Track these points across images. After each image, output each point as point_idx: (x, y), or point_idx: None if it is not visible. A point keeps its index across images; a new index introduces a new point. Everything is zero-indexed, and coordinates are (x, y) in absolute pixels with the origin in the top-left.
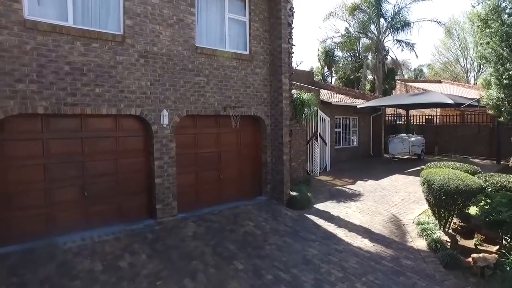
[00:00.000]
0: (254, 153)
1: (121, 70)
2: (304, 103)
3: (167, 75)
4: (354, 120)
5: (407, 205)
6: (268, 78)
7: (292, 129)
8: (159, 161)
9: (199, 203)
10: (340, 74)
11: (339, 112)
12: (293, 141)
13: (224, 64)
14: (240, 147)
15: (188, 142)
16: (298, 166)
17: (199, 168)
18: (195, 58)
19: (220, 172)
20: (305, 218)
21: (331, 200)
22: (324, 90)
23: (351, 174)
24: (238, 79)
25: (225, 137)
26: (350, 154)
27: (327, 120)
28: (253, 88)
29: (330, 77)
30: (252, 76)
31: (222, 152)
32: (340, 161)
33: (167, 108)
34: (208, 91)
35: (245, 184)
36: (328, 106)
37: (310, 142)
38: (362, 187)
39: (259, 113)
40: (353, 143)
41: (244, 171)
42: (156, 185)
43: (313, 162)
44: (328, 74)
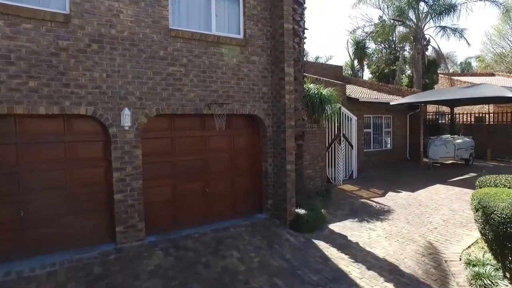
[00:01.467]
0: (253, 161)
1: (66, 58)
2: (323, 100)
3: (129, 64)
4: (387, 119)
5: (451, 229)
6: (268, 68)
7: (306, 130)
8: (120, 173)
9: (178, 223)
10: (373, 68)
11: (369, 110)
12: (309, 144)
13: (209, 51)
14: (234, 153)
15: (162, 148)
16: (315, 174)
17: (178, 180)
18: (168, 43)
19: (206, 185)
20: (312, 246)
21: (352, 218)
22: (353, 85)
23: (382, 183)
24: (227, 69)
25: (213, 142)
26: (382, 159)
27: (353, 120)
28: (248, 80)
29: (362, 71)
30: (247, 65)
31: (210, 160)
32: (369, 167)
33: (129, 106)
34: (186, 84)
35: (240, 199)
36: (356, 104)
37: (332, 145)
38: (393, 200)
39: (256, 111)
40: (386, 145)
41: (238, 183)
42: (116, 202)
43: (335, 169)
44: (359, 68)
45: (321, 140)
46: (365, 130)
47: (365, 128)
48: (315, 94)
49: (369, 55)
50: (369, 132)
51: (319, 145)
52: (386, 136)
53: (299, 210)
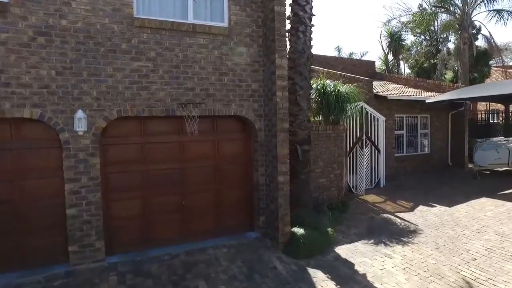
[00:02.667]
0: (244, 170)
1: (4, 54)
2: (342, 98)
3: (84, 60)
4: (424, 119)
5: (497, 262)
6: (260, 61)
7: (319, 132)
8: (73, 184)
9: (149, 242)
10: (410, 63)
11: (401, 110)
12: (321, 149)
13: (183, 42)
14: (219, 161)
15: (130, 155)
16: (330, 183)
17: (149, 192)
18: (132, 34)
19: (183, 198)
20: (303, 278)
21: (366, 239)
22: (386, 82)
23: (413, 194)
24: (207, 63)
25: (193, 148)
26: (417, 164)
27: (381, 120)
28: (233, 76)
29: (397, 66)
30: (232, 57)
31: (188, 169)
32: (401, 174)
33: (84, 108)
34: (154, 81)
35: (227, 215)
36: (385, 102)
37: (353, 149)
38: (423, 217)
39: (243, 112)
40: (423, 149)
41: (225, 196)
42: (68, 218)
43: (357, 176)
44: (394, 63)
45: (338, 144)
46: (396, 132)
47: (397, 130)
48: (331, 91)
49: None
50: (402, 134)
51: (335, 150)
52: (423, 139)
53: (297, 229)
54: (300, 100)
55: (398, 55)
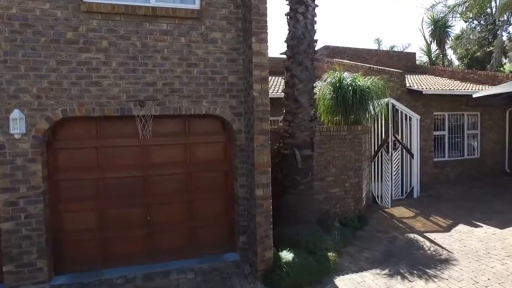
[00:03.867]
0: (223, 179)
1: None
2: (360, 93)
3: (21, 52)
4: (472, 117)
5: None
6: (240, 49)
7: (331, 134)
8: (9, 195)
9: (107, 260)
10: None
11: (442, 106)
12: (334, 153)
13: (142, 29)
14: (193, 169)
15: (84, 161)
16: (345, 193)
17: (106, 204)
18: (79, 21)
19: (147, 210)
20: None
21: (380, 268)
22: (428, 76)
23: (453, 208)
24: (171, 52)
25: (159, 153)
26: (462, 171)
27: (414, 119)
28: (204, 67)
29: (442, 57)
30: (204, 45)
31: (154, 178)
32: (441, 182)
33: (21, 108)
34: (107, 75)
35: (202, 232)
36: (420, 98)
37: (378, 153)
38: (461, 240)
39: (217, 110)
40: (471, 153)
41: (200, 210)
42: (3, 233)
43: (382, 185)
44: (439, 53)
45: (355, 147)
46: (435, 132)
47: (436, 130)
48: (348, 85)
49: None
50: (442, 135)
51: (351, 155)
52: (472, 140)
53: (286, 253)
54: (299, 96)
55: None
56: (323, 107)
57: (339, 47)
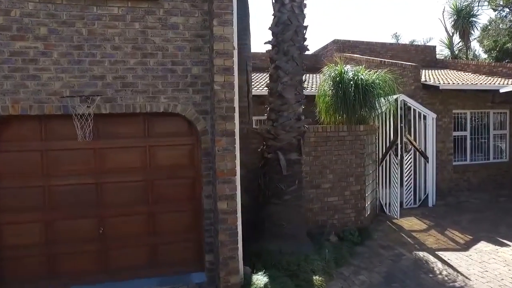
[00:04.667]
0: (189, 187)
1: None
2: (364, 88)
3: None
4: (499, 115)
5: None
6: (205, 35)
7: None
8: None
9: (53, 278)
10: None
11: (463, 103)
12: (331, 157)
13: (88, 13)
14: (153, 175)
15: (26, 166)
16: (345, 203)
17: (53, 215)
18: (12, 4)
19: (100, 222)
20: None
21: None
22: (450, 70)
23: (474, 220)
24: (123, 40)
25: (114, 157)
26: (487, 177)
27: (429, 118)
28: (163, 57)
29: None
30: (162, 32)
31: (108, 185)
32: (462, 189)
33: None
34: (47, 68)
35: (166, 247)
36: (437, 94)
37: (386, 156)
38: (482, 263)
39: (178, 108)
40: (497, 156)
41: (163, 222)
42: None
43: (390, 192)
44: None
45: (356, 150)
46: (455, 133)
47: (456, 130)
48: (349, 80)
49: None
50: (464, 135)
51: (352, 159)
52: (498, 141)
53: (259, 276)
54: (284, 91)
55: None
56: (323, 105)
57: (350, 41)
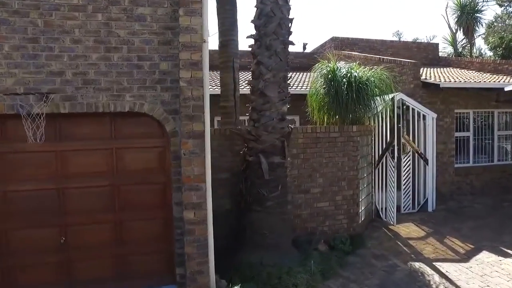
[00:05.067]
0: (159, 193)
1: None
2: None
3: None
4: (504, 115)
5: None
6: (175, 27)
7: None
8: None
9: None
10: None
11: (465, 103)
12: (320, 159)
13: (45, 3)
14: (121, 180)
15: None
16: (336, 208)
17: (10, 223)
18: None
19: (62, 231)
20: None
21: None
22: (453, 68)
23: (476, 227)
24: (85, 33)
25: (77, 160)
26: (491, 180)
27: (429, 118)
28: (128, 52)
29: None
30: (128, 24)
31: (70, 191)
32: (464, 193)
33: None
34: None
35: (135, 257)
36: (438, 92)
37: (383, 158)
38: (484, 276)
39: (145, 107)
40: (502, 158)
41: (132, 231)
42: None
43: (386, 196)
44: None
45: (349, 152)
46: (457, 133)
47: (458, 131)
48: (342, 78)
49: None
50: (466, 136)
51: (344, 161)
52: (503, 143)
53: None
54: (266, 88)
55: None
56: (315, 104)
57: (349, 39)
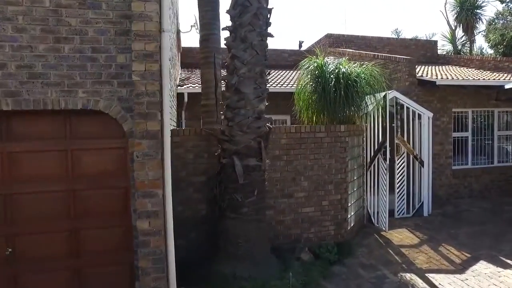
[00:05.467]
0: (119, 200)
1: None
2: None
3: None
4: (505, 115)
5: None
6: (135, 15)
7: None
8: None
9: None
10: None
11: (464, 101)
12: (305, 161)
13: None
14: (77, 185)
15: None
16: (322, 214)
17: None
18: None
19: (9, 242)
20: None
21: None
22: (452, 66)
23: (474, 234)
24: (30, 21)
25: (28, 162)
26: (491, 183)
27: (425, 117)
28: (81, 43)
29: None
30: (80, 12)
31: (19, 196)
32: (462, 196)
33: None
34: None
35: (94, 272)
36: (435, 91)
37: (375, 160)
38: None
39: (100, 104)
40: (503, 159)
41: (90, 241)
42: None
43: (378, 200)
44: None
45: (336, 153)
46: (454, 134)
47: (456, 131)
48: (329, 74)
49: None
50: (465, 137)
51: (331, 163)
52: (505, 143)
53: None
54: (240, 84)
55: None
56: (302, 103)
57: (344, 36)
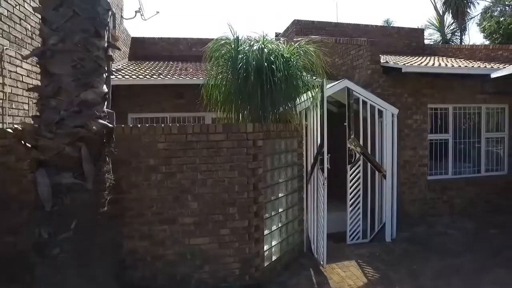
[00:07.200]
0: None
1: None
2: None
3: None
4: (494, 112)
5: None
6: None
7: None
8: None
9: None
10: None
11: (442, 95)
12: (193, 174)
13: None
14: None
15: None
16: (221, 247)
17: None
18: None
19: None
20: None
21: None
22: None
23: (446, 269)
24: None
25: None
26: (477, 196)
27: (387, 115)
28: None
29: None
30: None
31: None
32: (440, 213)
33: None
34: None
35: None
36: (404, 81)
37: (314, 171)
38: None
39: None
40: (492, 167)
41: None
42: None
43: (317, 225)
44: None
45: (241, 163)
46: (431, 135)
47: (433, 132)
48: (244, 55)
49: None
50: (444, 139)
51: (233, 177)
52: (495, 148)
53: None
54: (51, 62)
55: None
56: (218, 96)
57: (314, 22)
